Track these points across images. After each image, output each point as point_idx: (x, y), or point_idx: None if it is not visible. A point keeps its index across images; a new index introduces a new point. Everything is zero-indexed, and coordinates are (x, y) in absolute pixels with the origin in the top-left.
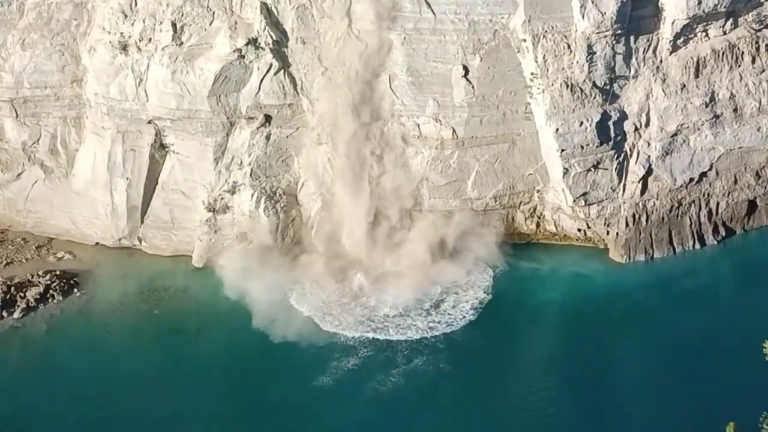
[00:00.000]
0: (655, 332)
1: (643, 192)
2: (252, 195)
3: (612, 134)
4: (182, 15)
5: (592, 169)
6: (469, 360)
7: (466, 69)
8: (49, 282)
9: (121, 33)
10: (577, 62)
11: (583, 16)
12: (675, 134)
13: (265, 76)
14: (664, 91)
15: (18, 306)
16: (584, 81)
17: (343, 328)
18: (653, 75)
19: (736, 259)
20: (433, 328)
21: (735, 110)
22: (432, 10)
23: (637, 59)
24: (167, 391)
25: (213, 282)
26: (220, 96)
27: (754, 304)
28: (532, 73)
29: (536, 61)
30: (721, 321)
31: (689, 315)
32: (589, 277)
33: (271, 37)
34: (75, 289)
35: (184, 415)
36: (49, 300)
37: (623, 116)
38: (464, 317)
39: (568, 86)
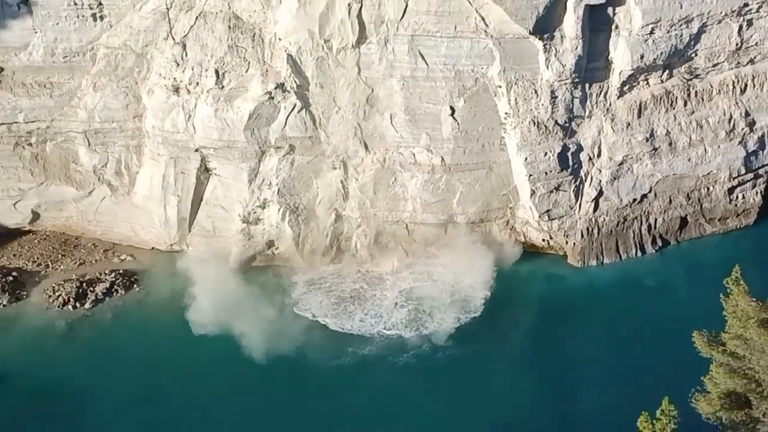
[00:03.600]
0: (608, 323)
1: (595, 210)
2: (278, 210)
3: (570, 163)
4: (224, 64)
5: (554, 190)
6: (474, 352)
7: (452, 109)
8: (113, 279)
9: (174, 78)
10: (542, 104)
11: (547, 68)
12: (621, 163)
13: (290, 113)
14: (612, 128)
15: (88, 298)
16: (548, 119)
17: (351, 326)
18: (604, 115)
19: (670, 265)
20: (440, 326)
21: (670, 144)
22: (425, 62)
23: (591, 102)
24: (206, 373)
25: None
26: (253, 129)
27: (686, 300)
28: (506, 113)
29: (509, 103)
30: (659, 313)
31: (634, 308)
32: (559, 276)
33: (295, 82)
34: (135, 285)
35: (220, 397)
36: (114, 294)
37: (579, 148)
38: (473, 310)
39: (535, 124)
